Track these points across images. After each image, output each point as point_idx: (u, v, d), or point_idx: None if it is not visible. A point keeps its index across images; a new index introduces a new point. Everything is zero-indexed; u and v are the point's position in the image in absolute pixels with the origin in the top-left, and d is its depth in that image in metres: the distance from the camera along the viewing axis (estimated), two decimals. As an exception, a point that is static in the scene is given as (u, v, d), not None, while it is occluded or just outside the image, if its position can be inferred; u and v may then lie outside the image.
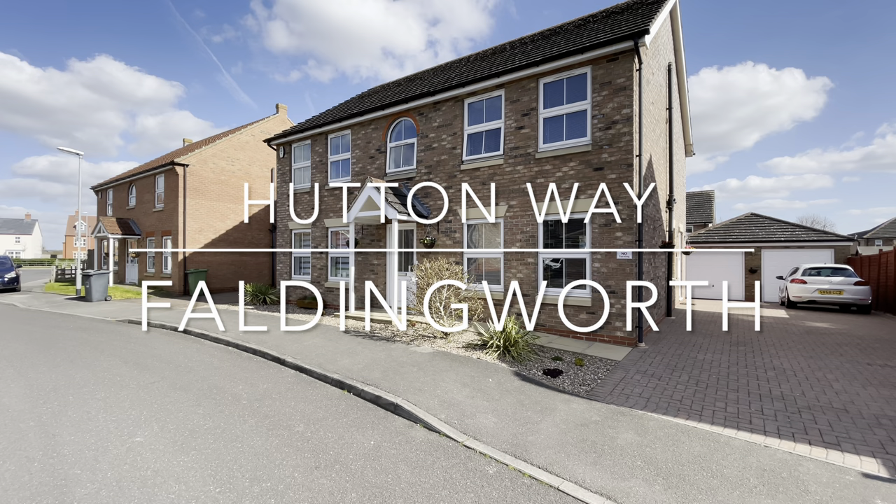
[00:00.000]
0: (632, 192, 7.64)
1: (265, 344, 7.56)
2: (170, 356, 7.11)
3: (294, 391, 5.41)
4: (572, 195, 8.22)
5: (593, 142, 8.02)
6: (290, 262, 13.75)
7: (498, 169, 9.22)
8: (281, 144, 14.02)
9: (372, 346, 7.35)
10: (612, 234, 7.81)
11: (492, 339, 6.94)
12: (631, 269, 7.65)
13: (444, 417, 4.48)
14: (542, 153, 8.61)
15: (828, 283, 13.00)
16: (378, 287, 11.18)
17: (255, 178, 20.15)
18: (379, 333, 8.38)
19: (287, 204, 13.79)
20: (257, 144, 20.23)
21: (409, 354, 6.77)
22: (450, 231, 9.96)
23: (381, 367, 6.05)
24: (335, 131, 12.54)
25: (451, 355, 6.73)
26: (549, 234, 8.66)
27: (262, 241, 20.46)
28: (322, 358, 6.59)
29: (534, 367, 6.25)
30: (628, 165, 7.68)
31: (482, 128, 9.60)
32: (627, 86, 7.73)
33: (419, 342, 7.61)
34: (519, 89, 8.97)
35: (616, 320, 7.75)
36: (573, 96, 8.41)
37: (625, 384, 5.64)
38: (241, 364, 6.65)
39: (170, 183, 17.86)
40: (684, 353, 7.28)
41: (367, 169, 11.62)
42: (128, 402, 4.94)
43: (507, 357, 6.64)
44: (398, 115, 11.03)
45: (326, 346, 7.38)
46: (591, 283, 8.02)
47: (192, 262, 17.67)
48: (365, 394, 5.18)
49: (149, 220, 19.49)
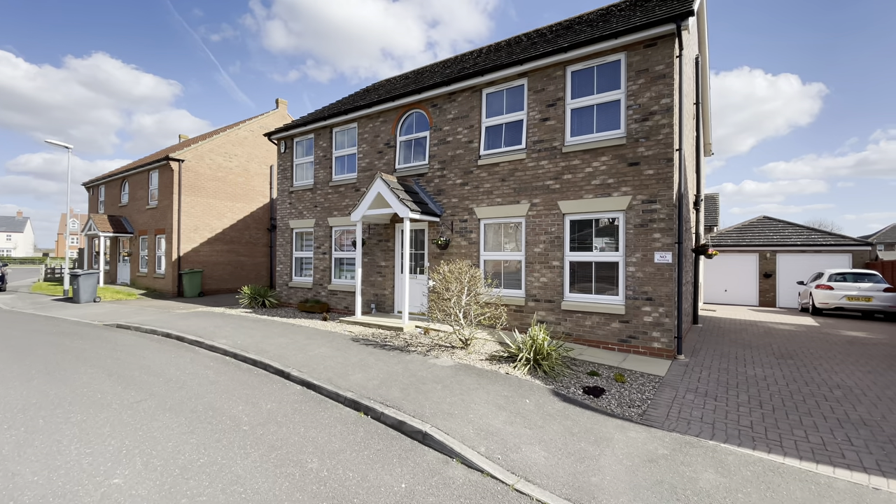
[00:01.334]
0: (672, 190, 6.97)
1: (266, 354, 6.82)
2: (160, 368, 6.35)
3: (302, 412, 4.68)
4: (604, 192, 7.54)
5: (628, 134, 7.35)
6: (290, 263, 12.99)
7: (520, 164, 8.52)
8: (282, 139, 13.28)
9: (385, 357, 6.63)
10: (648, 236, 7.13)
11: (520, 351, 6.23)
12: (670, 273, 6.97)
13: (484, 451, 3.76)
14: (569, 147, 7.92)
15: (856, 290, 12.39)
16: (386, 290, 10.48)
17: (254, 175, 19.37)
18: (391, 342, 7.65)
19: (288, 201, 13.04)
20: (256, 140, 19.46)
21: (429, 368, 6.05)
22: (465, 231, 9.25)
23: (399, 384, 5.33)
24: (340, 125, 11.81)
25: (476, 369, 6.02)
26: (576, 234, 7.98)
27: (260, 241, 19.69)
28: (331, 371, 5.86)
29: (571, 385, 5.55)
30: (668, 160, 7.00)
31: (502, 120, 8.91)
32: (667, 73, 7.06)
33: (437, 353, 6.89)
34: (544, 78, 8.29)
35: (653, 330, 7.07)
36: (605, 85, 7.73)
37: (680, 406, 4.95)
38: (241, 378, 5.91)
39: (164, 179, 17.06)
40: (730, 368, 6.60)
41: (375, 164, 10.90)
42: (108, 428, 4.19)
43: (539, 372, 5.93)
44: (409, 106, 10.32)
45: (335, 356, 6.65)
46: (624, 289, 7.34)
47: (186, 261, 16.86)
48: (386, 418, 4.46)
49: (142, 218, 18.67)
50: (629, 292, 7.28)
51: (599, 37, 7.44)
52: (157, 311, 12.01)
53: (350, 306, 11.26)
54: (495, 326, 7.17)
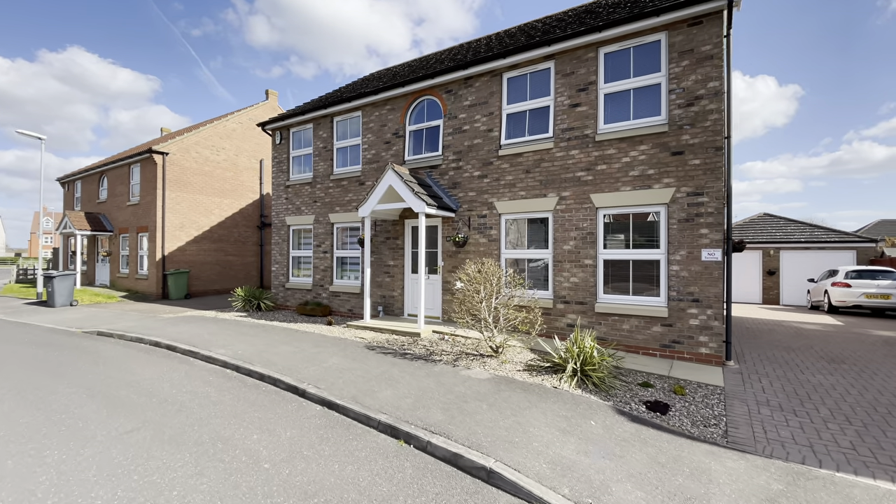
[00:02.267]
0: (721, 181, 6.39)
1: (274, 366, 6.01)
2: (152, 385, 5.50)
3: (331, 442, 3.92)
4: (643, 184, 6.92)
5: (670, 121, 6.74)
6: (287, 263, 12.11)
7: (546, 154, 7.85)
8: (277, 129, 12.36)
9: (410, 368, 5.89)
10: (694, 232, 6.54)
11: (564, 360, 5.56)
12: (719, 272, 6.39)
13: (568, 493, 3.07)
14: (603, 135, 7.28)
15: (875, 287, 12.11)
16: (395, 292, 9.73)
17: (243, 169, 18.33)
18: (410, 350, 6.91)
19: (284, 196, 12.15)
20: (245, 133, 18.42)
21: (464, 381, 5.33)
22: (484, 227, 8.55)
23: (438, 402, 4.61)
24: (343, 113, 10.97)
25: (518, 383, 5.33)
26: (610, 231, 7.35)
27: (249, 239, 18.66)
28: (353, 387, 5.10)
29: (629, 399, 4.91)
30: (717, 149, 6.41)
31: (525, 106, 8.22)
32: (715, 54, 6.47)
33: (465, 362, 6.19)
34: (574, 60, 7.62)
35: (700, 334, 6.48)
36: (643, 68, 7.11)
37: (761, 424, 4.34)
38: (248, 396, 5.10)
39: (147, 173, 15.92)
40: (788, 375, 6.05)
41: (382, 156, 10.11)
42: (93, 471, 3.38)
43: (588, 384, 5.28)
44: (420, 93, 9.56)
45: (353, 368, 5.88)
46: (666, 290, 6.75)
47: (171, 261, 15.78)
48: (434, 448, 3.73)
49: (122, 215, 17.47)
50: (672, 293, 6.68)
51: (639, 14, 6.80)
52: (142, 315, 11.02)
53: (355, 309, 10.47)
54: (530, 332, 6.49)
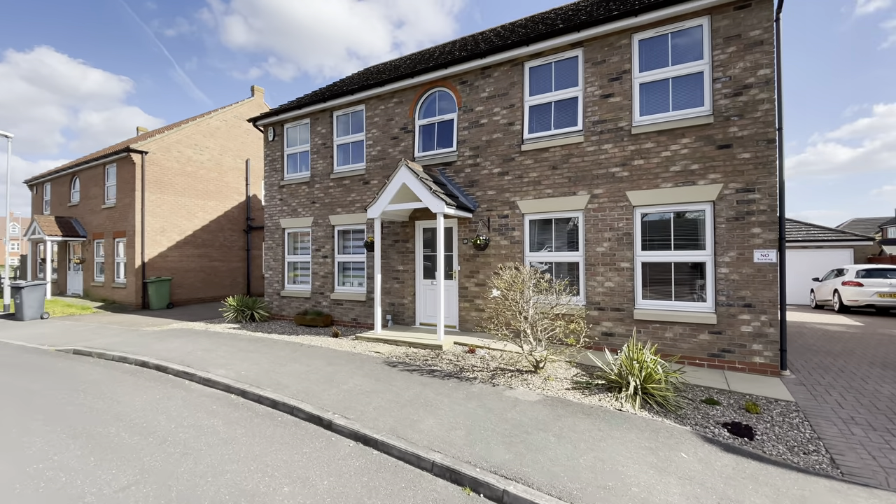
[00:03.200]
0: (774, 177, 5.91)
1: (286, 389, 5.23)
2: (145, 418, 4.66)
3: (381, 494, 3.20)
4: (686, 180, 6.41)
5: (715, 112, 6.24)
6: (282, 269, 11.24)
7: (575, 148, 7.28)
8: (270, 125, 11.49)
9: (444, 389, 5.20)
10: (745, 231, 6.04)
11: (622, 377, 4.96)
12: (773, 275, 5.91)
13: (705, 560, 2.44)
14: (639, 127, 6.75)
15: (888, 286, 11.97)
16: (405, 299, 9.02)
17: (227, 169, 17.27)
18: (436, 365, 6.22)
19: (279, 197, 11.29)
20: (230, 131, 17.38)
21: (514, 405, 4.67)
22: (505, 229, 7.92)
23: (495, 434, 3.94)
24: (344, 107, 10.20)
25: (574, 404, 4.70)
26: (648, 231, 6.81)
27: (235, 244, 17.60)
28: (389, 416, 4.39)
29: (704, 421, 4.33)
30: (769, 141, 5.93)
31: (550, 97, 7.63)
32: (765, 39, 5.99)
33: (504, 380, 5.53)
34: (605, 48, 7.07)
35: (753, 342, 5.98)
36: (683, 55, 6.60)
37: (863, 447, 3.82)
38: (264, 430, 4.33)
39: (124, 174, 14.75)
40: (854, 385, 5.59)
41: (389, 153, 9.38)
42: (82, 551, 2.58)
43: (651, 404, 4.69)
44: (431, 84, 8.88)
45: (379, 391, 5.16)
46: (713, 294, 6.24)
47: (152, 268, 14.65)
48: (512, 499, 3.06)
49: (97, 219, 16.20)
50: (721, 297, 6.17)
51: (678, -3, 6.29)
52: (122, 328, 9.99)
53: (359, 318, 9.70)
54: (575, 344, 5.86)
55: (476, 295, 8.19)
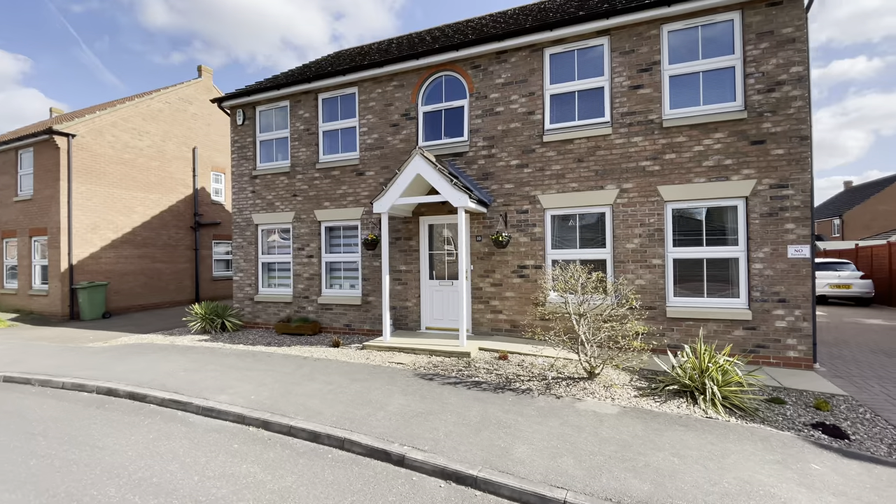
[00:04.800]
0: (807, 173, 5.98)
1: (319, 415, 4.36)
2: (152, 470, 3.59)
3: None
4: (719, 175, 6.33)
5: (748, 107, 6.21)
6: (255, 271, 9.95)
7: (603, 141, 6.98)
8: (239, 107, 10.11)
9: (508, 405, 4.62)
10: (779, 227, 6.07)
11: (696, 380, 4.68)
12: (807, 270, 5.99)
13: None
14: (670, 120, 6.58)
15: (837, 278, 13.15)
16: (408, 302, 8.30)
17: (172, 158, 15.23)
18: (477, 376, 5.61)
19: (251, 189, 9.98)
20: (174, 115, 15.34)
21: (599, 421, 4.21)
22: (524, 225, 7.47)
23: (607, 459, 3.43)
24: (332, 89, 9.17)
25: (659, 414, 4.33)
26: (678, 227, 6.68)
27: (182, 242, 15.59)
28: (469, 444, 3.73)
29: (789, 423, 4.16)
30: (802, 138, 5.99)
31: (573, 87, 7.27)
32: (797, 37, 6.04)
33: (564, 389, 5.06)
34: (634, 37, 6.83)
35: (788, 336, 6.03)
36: (713, 50, 6.52)
37: (959, 444, 3.81)
38: (321, 475, 3.47)
39: (45, 161, 12.38)
40: (881, 374, 5.81)
41: (388, 141, 8.55)
42: None
43: (727, 407, 4.45)
44: (437, 67, 8.18)
45: (435, 412, 4.45)
46: (747, 290, 6.23)
47: (82, 271, 12.46)
48: (687, 542, 2.57)
49: (7, 214, 13.51)
50: (755, 293, 6.17)
51: (714, -12, 6.18)
52: (58, 346, 8.22)
53: (353, 323, 8.79)
54: (625, 348, 5.49)
55: (492, 296, 7.66)
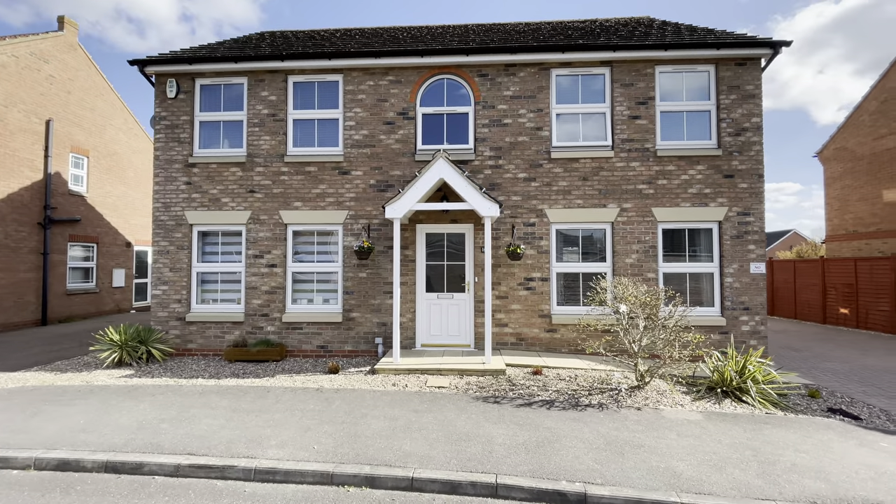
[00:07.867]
0: (763, 205, 7.39)
1: (430, 460, 3.67)
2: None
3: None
4: (700, 202, 7.39)
5: (722, 147, 7.42)
6: (186, 283, 7.91)
7: (606, 162, 7.52)
8: (171, 76, 8.01)
9: (609, 423, 4.56)
10: (744, 247, 7.34)
11: (745, 380, 5.32)
12: (763, 283, 7.35)
13: None
14: (662, 150, 7.45)
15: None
16: (403, 317, 7.63)
17: (16, 131, 11.27)
18: (538, 395, 5.40)
19: (184, 179, 7.97)
20: (22, 74, 11.43)
21: (702, 428, 4.43)
22: (531, 237, 7.55)
23: (766, 466, 3.63)
24: (309, 73, 7.94)
25: (741, 416, 4.79)
26: (668, 244, 7.55)
27: (25, 245, 11.56)
28: (623, 468, 3.55)
29: (811, 410, 5.04)
30: (759, 176, 7.39)
31: (577, 109, 7.70)
32: (756, 94, 7.47)
33: (632, 400, 5.23)
34: (633, 72, 7.56)
35: (750, 338, 7.28)
36: (693, 95, 7.63)
37: (919, 414, 5.09)
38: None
39: None
40: (819, 366, 7.41)
41: (381, 139, 7.77)
42: None
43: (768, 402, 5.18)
44: (441, 69, 7.77)
45: (551, 441, 4.13)
46: (720, 300, 7.36)
47: None
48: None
49: None
50: (727, 303, 7.32)
51: (699, 42, 7.26)
52: None
53: (330, 345, 7.66)
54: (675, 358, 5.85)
55: (497, 308, 7.51)
